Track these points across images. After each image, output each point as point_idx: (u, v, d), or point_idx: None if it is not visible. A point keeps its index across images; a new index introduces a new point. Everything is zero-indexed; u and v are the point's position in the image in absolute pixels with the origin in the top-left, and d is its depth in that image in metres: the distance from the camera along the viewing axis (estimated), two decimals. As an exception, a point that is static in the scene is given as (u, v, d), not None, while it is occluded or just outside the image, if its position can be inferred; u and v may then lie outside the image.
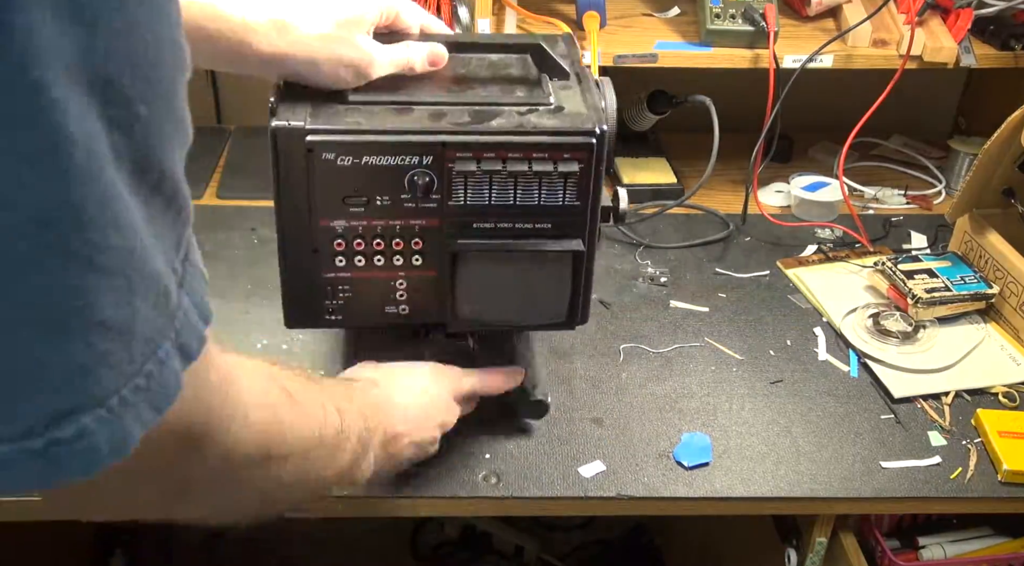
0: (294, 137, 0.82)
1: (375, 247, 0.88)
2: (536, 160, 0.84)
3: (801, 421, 1.09)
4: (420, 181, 0.84)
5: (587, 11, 1.33)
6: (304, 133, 0.81)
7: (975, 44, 1.39)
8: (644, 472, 1.01)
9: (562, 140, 0.84)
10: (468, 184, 0.85)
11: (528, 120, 0.85)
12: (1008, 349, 1.20)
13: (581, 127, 0.84)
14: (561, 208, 0.87)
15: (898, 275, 1.25)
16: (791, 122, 1.45)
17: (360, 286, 0.88)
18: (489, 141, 0.84)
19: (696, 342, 1.20)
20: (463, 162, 0.84)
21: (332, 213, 0.86)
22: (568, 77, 0.93)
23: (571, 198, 0.87)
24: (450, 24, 1.30)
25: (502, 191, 0.86)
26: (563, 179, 0.85)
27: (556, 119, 0.86)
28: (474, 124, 0.84)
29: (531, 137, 0.84)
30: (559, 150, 0.84)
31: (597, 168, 0.86)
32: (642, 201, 1.49)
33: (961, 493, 1.01)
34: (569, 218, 0.88)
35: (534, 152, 0.84)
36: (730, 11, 1.34)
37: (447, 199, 0.86)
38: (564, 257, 0.90)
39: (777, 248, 1.40)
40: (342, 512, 0.99)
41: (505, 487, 0.99)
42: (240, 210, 1.40)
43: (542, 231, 0.88)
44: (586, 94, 0.90)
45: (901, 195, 1.54)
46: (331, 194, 0.85)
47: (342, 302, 0.91)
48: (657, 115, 1.51)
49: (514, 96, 0.89)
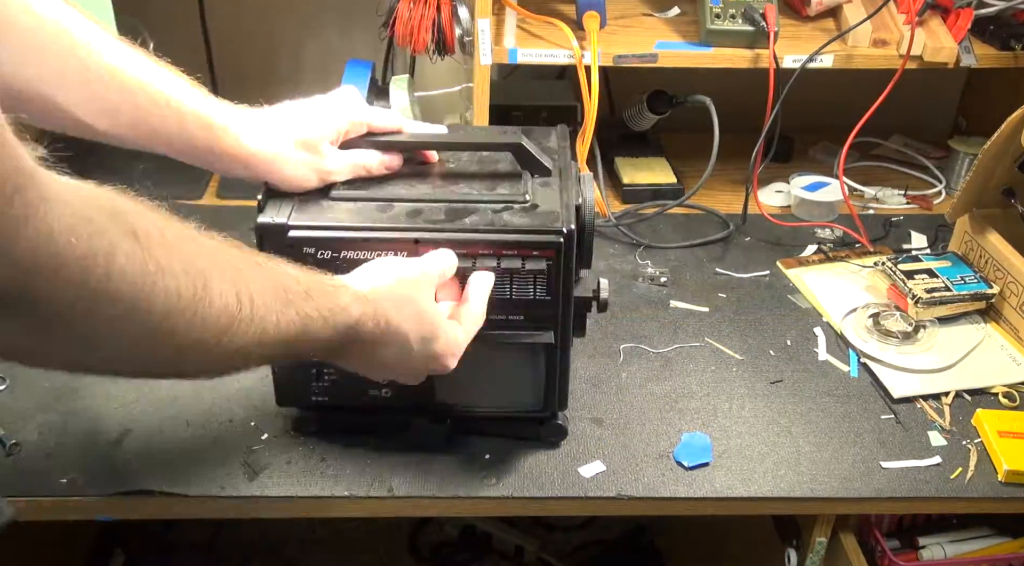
0: (278, 233, 0.88)
1: None
2: (505, 257, 0.89)
3: (801, 421, 1.09)
4: None
5: (587, 11, 1.33)
6: (287, 229, 0.88)
7: (975, 44, 1.39)
8: (644, 472, 1.01)
9: (530, 239, 0.89)
10: None
11: (500, 218, 0.90)
12: (1008, 349, 1.20)
13: (550, 227, 0.88)
14: (532, 302, 0.91)
15: (898, 275, 1.25)
16: (791, 122, 1.45)
17: (344, 370, 0.87)
18: (460, 239, 0.88)
19: (696, 342, 1.20)
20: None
21: None
22: (549, 173, 0.96)
23: (541, 293, 0.91)
24: (450, 24, 1.31)
25: None
26: (532, 275, 0.90)
27: (527, 217, 0.90)
28: (447, 222, 0.89)
29: (501, 235, 0.89)
30: (528, 248, 0.89)
31: (567, 265, 0.89)
32: (642, 201, 1.49)
33: (961, 493, 1.01)
34: (541, 311, 0.92)
35: (504, 250, 0.89)
36: (730, 11, 1.34)
37: None
38: (537, 349, 0.94)
39: (777, 248, 1.40)
40: (342, 512, 0.99)
41: (505, 487, 0.99)
42: (240, 210, 1.40)
43: (515, 323, 0.92)
44: (563, 191, 0.93)
45: (901, 195, 1.54)
46: None
47: (327, 384, 0.97)
48: (657, 115, 1.51)
49: (493, 193, 0.93)
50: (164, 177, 1.44)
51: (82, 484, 0.97)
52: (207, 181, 1.47)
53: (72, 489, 0.96)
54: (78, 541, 1.63)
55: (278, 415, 1.06)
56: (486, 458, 1.02)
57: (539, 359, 0.96)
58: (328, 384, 0.98)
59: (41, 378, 1.09)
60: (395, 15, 1.31)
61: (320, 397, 0.99)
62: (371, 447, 1.02)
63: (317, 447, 1.02)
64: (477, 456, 1.02)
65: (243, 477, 0.99)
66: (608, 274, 1.32)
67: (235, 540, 1.86)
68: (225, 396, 1.08)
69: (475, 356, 0.88)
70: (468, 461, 1.01)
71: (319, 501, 0.98)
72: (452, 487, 0.99)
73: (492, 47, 1.30)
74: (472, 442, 1.03)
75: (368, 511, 0.99)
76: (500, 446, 1.03)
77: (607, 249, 1.38)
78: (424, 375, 0.87)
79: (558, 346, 0.94)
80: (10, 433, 1.01)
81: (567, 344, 0.95)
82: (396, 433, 1.02)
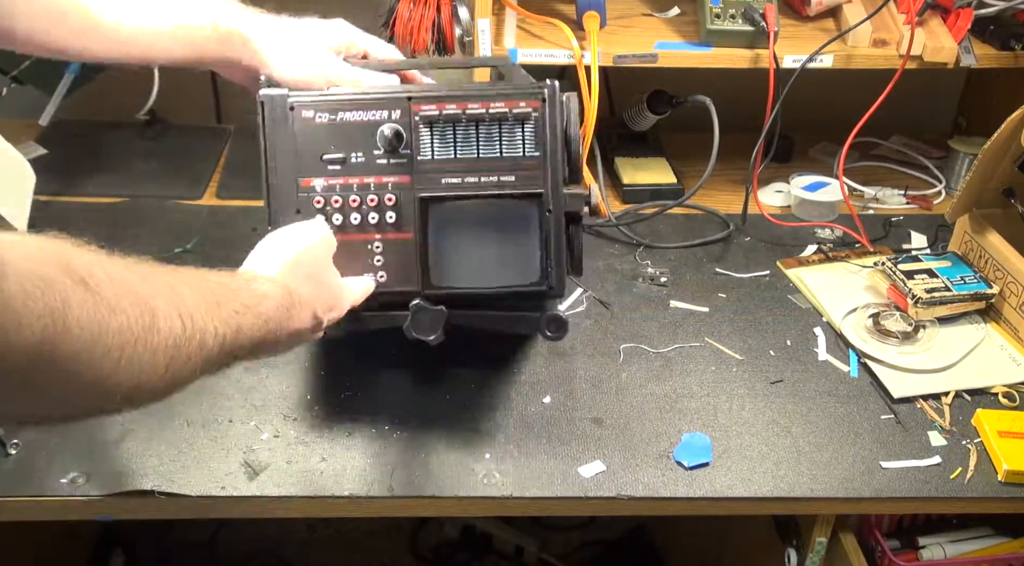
0: (278, 102, 0.97)
1: (351, 204, 0.98)
2: (493, 108, 0.97)
3: (801, 421, 1.09)
4: (390, 134, 0.96)
5: (587, 11, 1.33)
6: (287, 97, 0.98)
7: (975, 44, 1.39)
8: (644, 472, 1.01)
9: (516, 91, 0.98)
10: (434, 134, 0.97)
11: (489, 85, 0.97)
12: (1008, 349, 1.20)
13: (535, 83, 0.98)
14: (522, 159, 0.98)
15: (898, 275, 1.25)
16: (791, 122, 1.45)
17: (340, 250, 0.96)
18: (451, 94, 0.97)
19: (696, 342, 1.20)
20: (427, 111, 0.96)
21: (312, 171, 0.98)
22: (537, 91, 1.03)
23: (530, 148, 0.97)
24: (450, 24, 1.31)
25: (466, 144, 0.98)
26: (520, 124, 0.97)
27: (513, 86, 1.02)
28: (439, 88, 1.00)
29: (488, 89, 1.00)
30: (514, 99, 0.97)
31: (552, 120, 0.97)
32: (642, 201, 1.49)
33: (961, 493, 1.01)
34: (531, 171, 0.98)
35: (492, 102, 0.97)
36: (730, 11, 1.34)
37: (416, 154, 0.97)
38: (530, 210, 0.98)
39: (777, 248, 1.40)
40: (342, 512, 0.99)
41: (505, 487, 0.99)
42: (240, 210, 1.40)
43: (506, 184, 0.98)
44: None
45: (901, 195, 1.54)
46: (311, 153, 0.98)
47: None
48: (657, 115, 1.51)
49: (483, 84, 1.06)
50: (164, 177, 1.45)
51: (82, 484, 0.97)
52: (207, 181, 1.47)
53: (72, 489, 0.96)
54: (78, 541, 1.63)
55: (278, 415, 1.06)
56: (486, 458, 1.02)
57: (530, 219, 0.98)
58: None
59: (41, 378, 1.09)
60: (395, 15, 1.31)
61: None
62: (372, 446, 1.03)
63: (317, 447, 1.03)
64: (477, 456, 1.02)
65: (243, 477, 0.99)
66: (608, 274, 1.32)
67: (235, 540, 1.86)
68: (225, 396, 1.08)
69: (470, 232, 0.95)
70: (468, 461, 1.01)
71: (319, 501, 0.98)
72: (452, 487, 0.99)
73: (492, 47, 1.30)
74: (472, 441, 1.03)
75: (368, 511, 0.99)
76: (500, 446, 1.03)
77: (607, 249, 1.38)
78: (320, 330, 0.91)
79: (549, 208, 0.98)
80: (10, 433, 1.01)
81: (559, 211, 0.98)
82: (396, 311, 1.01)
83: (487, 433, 1.05)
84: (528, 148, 0.97)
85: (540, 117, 0.97)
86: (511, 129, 0.97)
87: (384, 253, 0.99)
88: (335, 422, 1.06)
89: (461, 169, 0.98)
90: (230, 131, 1.61)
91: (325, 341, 1.15)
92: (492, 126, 0.97)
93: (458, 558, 1.92)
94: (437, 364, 1.14)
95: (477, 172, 0.98)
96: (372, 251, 0.99)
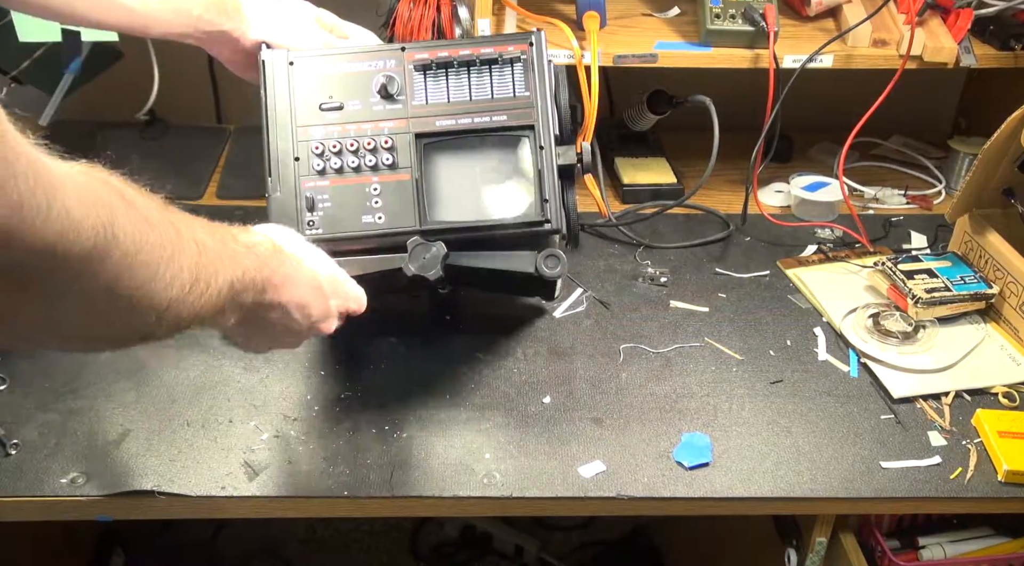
0: (279, 60, 1.04)
1: (349, 147, 1.02)
2: (483, 53, 1.03)
3: (801, 421, 1.09)
4: (385, 81, 1.01)
5: (587, 11, 1.33)
6: (287, 54, 1.04)
7: (975, 44, 1.39)
8: (644, 472, 1.01)
9: (505, 37, 1.06)
10: (427, 80, 1.03)
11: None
12: (1008, 349, 1.20)
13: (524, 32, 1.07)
14: (513, 100, 1.03)
15: (898, 275, 1.25)
16: (791, 122, 1.45)
17: (339, 195, 1.01)
18: (443, 43, 1.05)
19: (696, 342, 1.20)
20: (420, 58, 1.02)
21: (310, 120, 1.03)
22: None
23: (520, 89, 1.03)
24: (450, 24, 1.31)
25: (458, 87, 1.03)
26: (510, 65, 1.03)
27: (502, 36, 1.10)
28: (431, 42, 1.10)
29: (478, 40, 1.05)
30: (503, 44, 1.03)
31: (540, 61, 1.03)
32: (642, 201, 1.49)
33: (961, 493, 1.02)
34: (522, 110, 1.03)
35: (482, 47, 1.03)
36: (730, 11, 1.34)
37: (411, 99, 1.03)
38: (523, 150, 1.02)
39: (777, 248, 1.40)
40: (342, 512, 0.99)
41: (505, 487, 0.99)
42: (240, 210, 1.40)
43: (499, 124, 1.03)
44: None
45: (901, 195, 1.54)
46: (309, 102, 1.03)
47: (322, 213, 1.02)
48: (657, 115, 1.51)
49: None
50: (164, 177, 1.45)
51: (82, 484, 0.97)
52: (207, 181, 1.47)
53: (72, 489, 0.97)
54: (78, 541, 1.63)
55: (278, 415, 1.06)
56: (486, 458, 1.02)
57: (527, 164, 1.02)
58: (323, 212, 1.02)
59: (41, 378, 1.09)
60: (395, 15, 1.31)
61: (316, 230, 1.01)
62: (371, 447, 1.03)
63: (317, 447, 1.03)
64: (477, 456, 1.02)
65: (243, 477, 0.99)
66: (608, 274, 1.32)
67: (235, 540, 1.86)
68: (225, 396, 1.09)
69: (467, 169, 1.00)
70: (468, 461, 1.01)
71: (319, 501, 0.98)
72: (452, 487, 0.99)
73: (492, 47, 1.30)
74: (472, 441, 1.03)
75: (368, 511, 1.00)
76: (500, 446, 1.03)
77: (607, 249, 1.38)
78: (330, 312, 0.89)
79: (541, 144, 1.02)
80: (10, 433, 1.01)
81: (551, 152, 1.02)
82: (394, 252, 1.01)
83: (487, 433, 1.05)
84: (518, 88, 1.03)
85: (528, 59, 1.03)
86: (501, 71, 1.03)
87: (382, 195, 1.02)
88: (335, 422, 1.06)
89: (455, 111, 1.03)
90: (230, 131, 1.61)
91: (325, 341, 1.15)
92: (483, 69, 1.03)
93: (458, 558, 1.92)
94: (437, 364, 1.14)
95: (470, 113, 1.03)
96: (370, 193, 1.02)
